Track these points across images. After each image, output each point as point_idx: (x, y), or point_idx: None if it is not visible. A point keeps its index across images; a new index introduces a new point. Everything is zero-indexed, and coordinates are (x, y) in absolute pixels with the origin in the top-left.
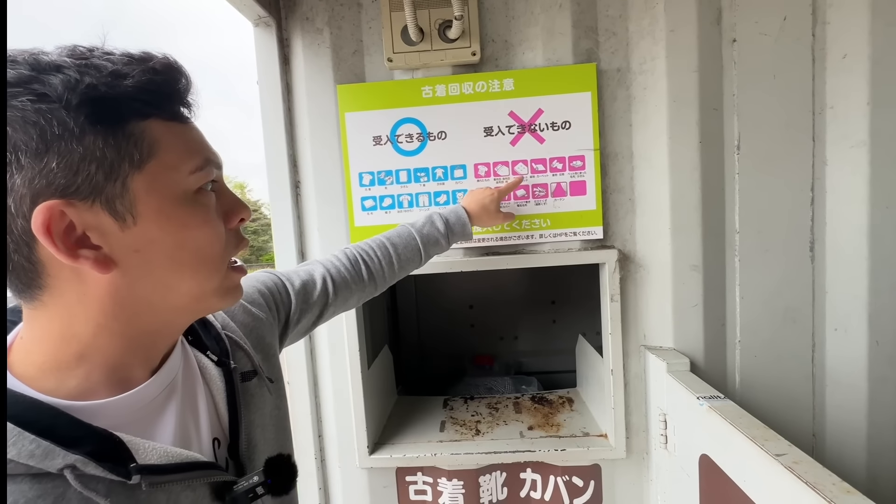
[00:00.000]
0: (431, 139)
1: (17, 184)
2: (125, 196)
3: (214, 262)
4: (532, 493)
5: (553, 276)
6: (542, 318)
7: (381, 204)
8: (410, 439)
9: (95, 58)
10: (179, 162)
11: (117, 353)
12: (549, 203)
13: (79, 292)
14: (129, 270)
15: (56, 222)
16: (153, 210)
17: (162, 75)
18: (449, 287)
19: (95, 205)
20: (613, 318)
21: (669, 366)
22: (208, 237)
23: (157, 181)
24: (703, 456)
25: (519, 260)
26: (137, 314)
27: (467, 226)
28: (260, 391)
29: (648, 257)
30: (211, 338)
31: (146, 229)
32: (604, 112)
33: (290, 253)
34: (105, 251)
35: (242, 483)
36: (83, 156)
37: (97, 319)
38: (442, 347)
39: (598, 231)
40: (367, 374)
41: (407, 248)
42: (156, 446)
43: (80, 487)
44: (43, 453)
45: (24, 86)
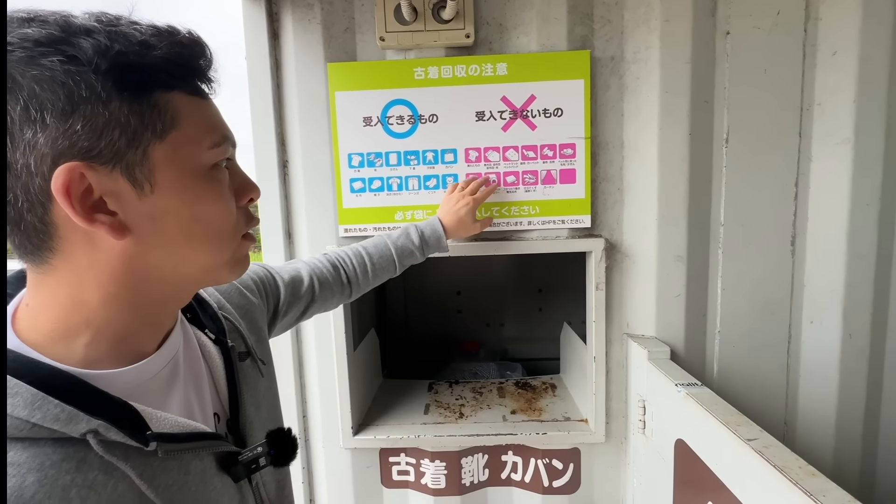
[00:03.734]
0: (423, 122)
1: (39, 142)
2: (145, 164)
3: (227, 236)
4: (513, 475)
5: (541, 264)
6: (528, 306)
7: (370, 186)
8: (394, 421)
9: (124, 26)
10: (199, 136)
11: (125, 323)
12: (539, 190)
13: (90, 258)
14: (142, 239)
15: (75, 184)
16: (171, 180)
17: (188, 49)
18: (437, 273)
19: (115, 171)
20: (598, 307)
21: (650, 353)
22: (221, 212)
23: (176, 152)
24: (679, 441)
25: (507, 246)
26: (147, 283)
27: (442, 239)
28: (253, 372)
29: (635, 247)
30: (208, 317)
31: (163, 199)
32: (596, 100)
33: (276, 234)
34: (120, 217)
35: (247, 453)
36: (108, 121)
37: (107, 287)
38: (429, 333)
39: (587, 220)
40: (352, 356)
41: (382, 258)
42: (167, 416)
43: (102, 452)
44: (67, 417)
45: (55, 46)
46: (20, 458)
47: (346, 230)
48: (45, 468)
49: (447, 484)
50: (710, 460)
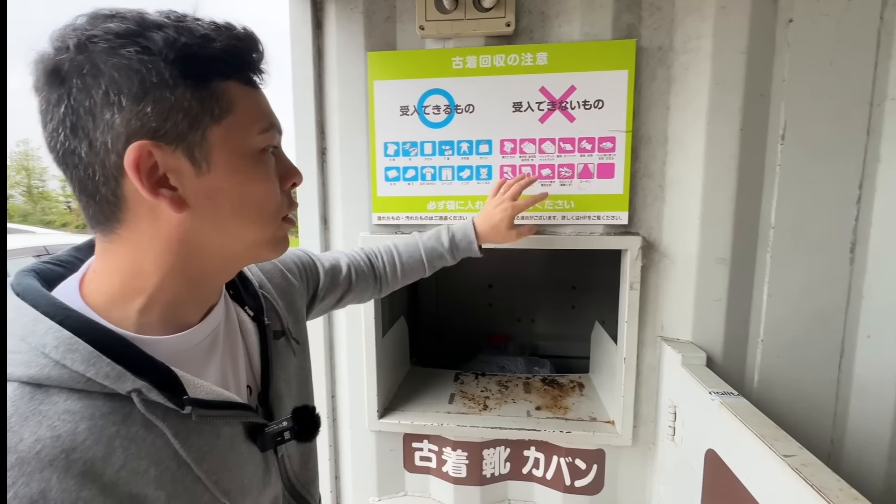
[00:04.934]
0: (459, 112)
1: (116, 123)
2: (203, 145)
3: (270, 216)
4: (534, 471)
5: (575, 260)
6: (561, 303)
7: (404, 175)
8: (419, 408)
9: (189, 21)
10: (251, 122)
11: (175, 292)
12: (575, 184)
13: (152, 229)
14: (198, 214)
15: (144, 160)
16: (224, 161)
17: (244, 43)
18: (469, 265)
19: (178, 150)
20: (631, 307)
21: (685, 358)
22: (266, 192)
23: (230, 136)
24: (710, 451)
25: (539, 241)
26: (199, 255)
27: (473, 243)
28: (286, 350)
29: (674, 247)
30: (249, 294)
31: (217, 178)
32: (640, 92)
33: (313, 219)
34: (180, 193)
35: (273, 426)
36: (173, 105)
37: (163, 256)
38: (458, 323)
39: (624, 216)
40: (381, 341)
41: (411, 257)
42: (203, 384)
43: (144, 409)
44: (117, 375)
45: (132, 38)
46: (75, 407)
47: (379, 218)
48: (95, 418)
49: (468, 474)
50: (743, 474)
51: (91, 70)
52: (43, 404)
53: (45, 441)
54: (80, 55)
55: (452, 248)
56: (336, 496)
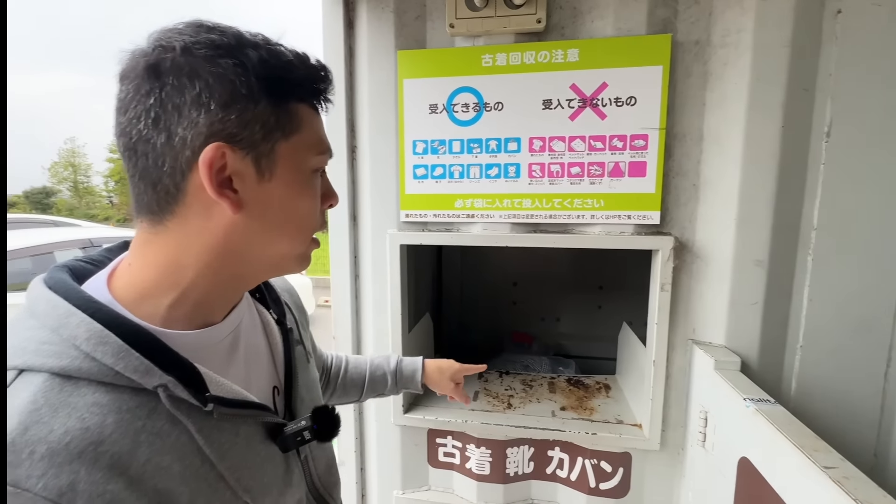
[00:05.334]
0: (487, 109)
1: (200, 122)
2: (270, 156)
3: (307, 232)
4: (558, 471)
5: (603, 260)
6: (587, 303)
7: (432, 173)
8: (443, 404)
9: (278, 47)
10: (312, 143)
11: (206, 291)
12: (605, 183)
13: (201, 226)
14: (249, 217)
15: (217, 160)
16: (284, 174)
17: (320, 73)
18: (494, 263)
19: (248, 157)
20: (662, 308)
21: (717, 363)
22: (311, 210)
23: (294, 152)
24: (744, 459)
25: (566, 240)
26: (236, 259)
27: (418, 373)
28: (303, 358)
29: (708, 248)
30: (273, 300)
31: (275, 188)
32: (675, 88)
33: (343, 217)
34: (241, 195)
35: (292, 425)
36: (254, 116)
37: (205, 255)
38: (482, 322)
39: (655, 216)
40: (407, 336)
41: (356, 368)
42: (223, 382)
43: (169, 405)
44: (145, 370)
45: (230, 52)
46: (104, 400)
47: (406, 215)
48: (122, 411)
49: (491, 471)
50: (779, 485)
51: (190, 72)
52: (73, 396)
53: (74, 433)
54: (183, 57)
55: (397, 371)
56: (361, 487)
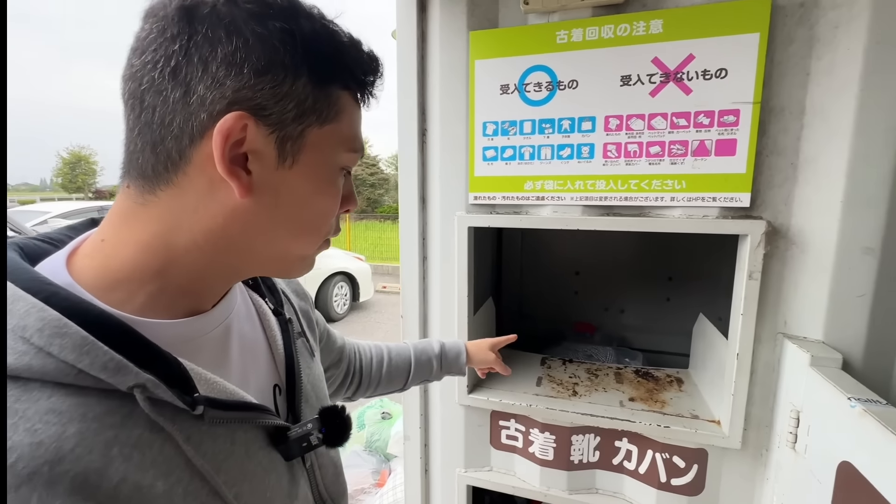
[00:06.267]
0: (561, 88)
1: (227, 84)
2: (298, 141)
3: (319, 234)
4: (626, 463)
5: (673, 250)
6: (654, 294)
7: (502, 154)
8: (507, 388)
9: (334, 24)
10: (347, 137)
11: (195, 277)
12: (688, 163)
13: (200, 204)
14: (258, 204)
15: (236, 132)
16: (309, 164)
17: (372, 63)
18: (556, 251)
19: (272, 136)
20: (749, 298)
21: (814, 359)
22: (329, 209)
23: (325, 142)
24: (845, 464)
25: (642, 223)
26: (234, 248)
27: (462, 355)
28: (305, 352)
29: (806, 233)
30: (267, 288)
31: (295, 177)
32: (773, 58)
33: (412, 199)
34: (254, 178)
35: (296, 429)
36: (289, 92)
37: (199, 236)
38: (542, 310)
39: (745, 198)
40: (472, 319)
41: (399, 355)
42: (216, 381)
43: (148, 409)
44: (116, 367)
45: (281, 15)
46: (62, 406)
47: (475, 198)
48: (87, 419)
49: (555, 457)
50: (893, 494)
51: (229, 25)
52: (20, 402)
53: (22, 449)
54: (226, 6)
55: (442, 355)
56: (425, 463)
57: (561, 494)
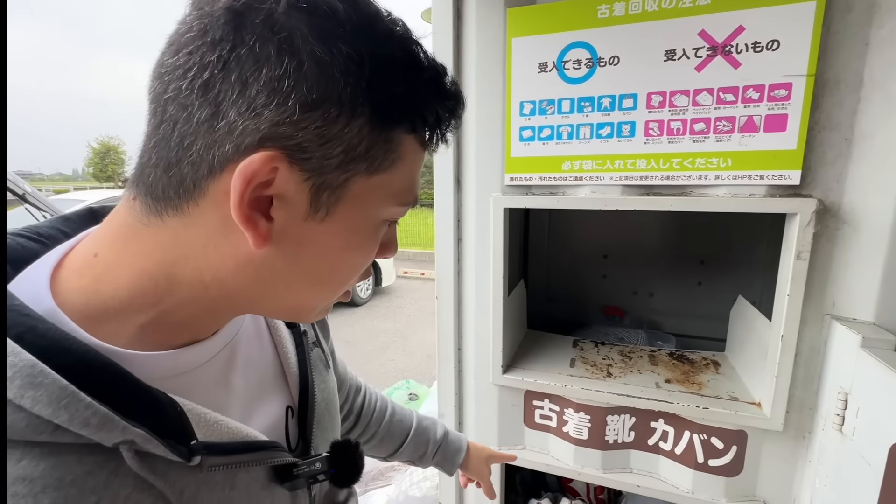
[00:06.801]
0: (601, 65)
1: (264, 115)
2: (337, 191)
3: (344, 287)
4: (661, 444)
5: (706, 233)
6: (686, 278)
7: (539, 134)
8: (540, 368)
9: (416, 49)
10: (401, 188)
11: (196, 314)
12: (734, 139)
13: (211, 241)
14: (275, 256)
15: (263, 174)
16: (346, 219)
17: (452, 101)
18: (584, 234)
19: (307, 182)
20: (796, 279)
21: (865, 340)
22: (361, 266)
23: (371, 195)
24: None
25: (684, 203)
26: (243, 294)
27: (461, 454)
28: (321, 364)
29: (859, 212)
30: None
31: (325, 231)
32: (829, 28)
33: (447, 181)
34: (275, 228)
35: (304, 468)
36: (339, 134)
37: (206, 276)
38: (569, 294)
39: (795, 175)
40: (507, 299)
41: (402, 420)
42: (218, 420)
43: (137, 467)
44: (99, 422)
45: (354, 35)
46: (35, 472)
47: (511, 179)
48: (64, 485)
49: (589, 437)
50: None
51: (284, 42)
52: None
53: None
54: (284, 15)
55: (443, 443)
56: None
57: (595, 473)
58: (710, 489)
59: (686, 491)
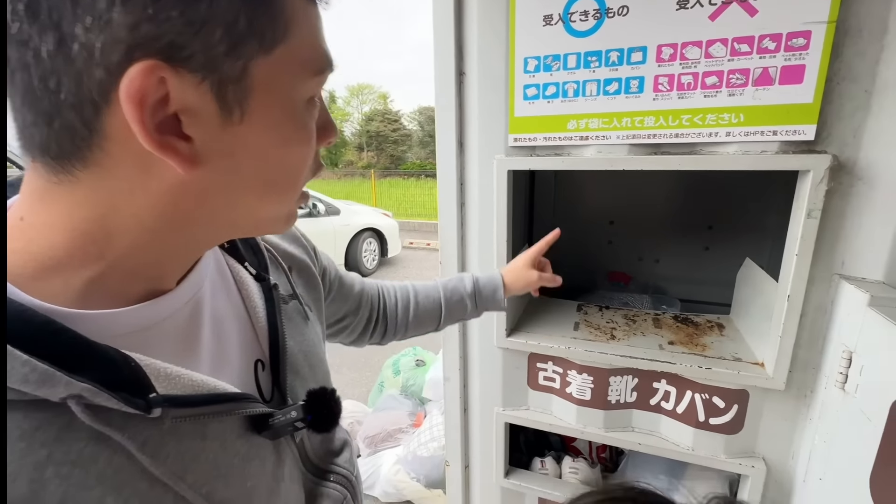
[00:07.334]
0: (610, 16)
1: (115, 20)
2: (241, 83)
3: (297, 187)
4: (663, 403)
5: (714, 197)
6: (692, 244)
7: (543, 92)
8: (544, 331)
9: None
10: (306, 55)
11: (148, 260)
12: (748, 93)
13: (135, 182)
14: (209, 175)
15: (152, 91)
16: (265, 110)
17: None
18: (590, 200)
19: (204, 84)
20: (805, 238)
21: (874, 299)
22: (304, 158)
23: (279, 74)
24: None
25: (694, 161)
26: (192, 222)
27: (499, 290)
28: (298, 316)
29: (875, 167)
30: (249, 248)
31: (250, 133)
32: None
33: (450, 144)
34: (196, 146)
35: (279, 417)
36: (212, 13)
37: (145, 217)
38: (575, 260)
39: (810, 131)
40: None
41: (428, 297)
42: (180, 373)
43: (89, 420)
44: (39, 379)
45: None
46: None
47: (515, 139)
48: (12, 441)
49: (592, 397)
50: None
51: None
52: None
53: None
54: None
55: (475, 291)
56: (464, 402)
57: (597, 432)
58: (710, 446)
59: (686, 448)
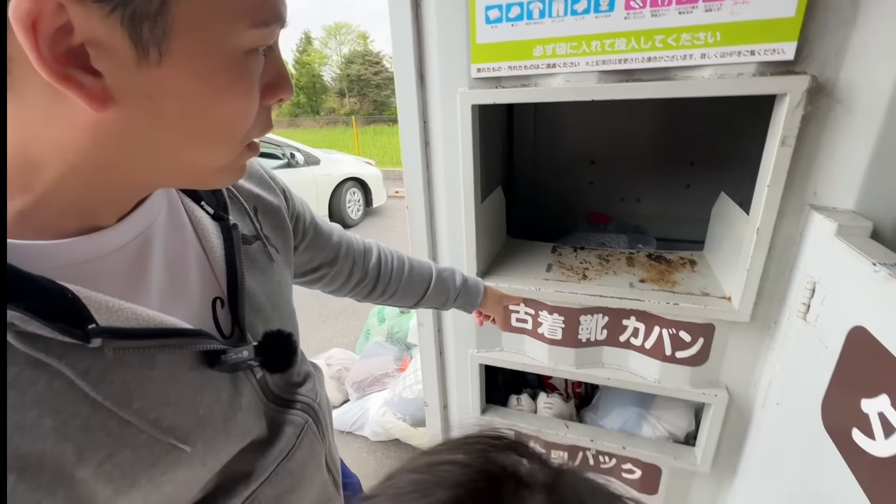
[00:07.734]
0: None
1: None
2: (159, 21)
3: (234, 142)
4: (632, 339)
5: (697, 132)
6: (674, 181)
7: (507, 14)
8: (517, 274)
9: None
10: (249, 6)
11: (81, 197)
12: (726, 8)
13: (48, 111)
14: (128, 117)
15: (47, 17)
16: (189, 55)
17: None
18: (571, 139)
19: (113, 16)
20: (778, 167)
21: (841, 228)
22: (241, 113)
23: (206, 19)
24: (857, 329)
25: (667, 88)
26: (119, 167)
27: (479, 297)
28: (262, 257)
29: (855, 88)
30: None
31: (171, 77)
32: None
33: (409, 78)
34: (106, 82)
35: (231, 355)
36: None
37: (68, 153)
38: (555, 201)
39: (790, 49)
40: (479, 206)
41: (421, 266)
42: (122, 307)
43: (25, 347)
44: None
45: None
46: None
47: (478, 70)
48: None
49: (563, 336)
50: None
51: None
52: None
53: None
54: None
55: (462, 289)
56: (439, 345)
57: (569, 369)
58: (676, 378)
59: (653, 381)
